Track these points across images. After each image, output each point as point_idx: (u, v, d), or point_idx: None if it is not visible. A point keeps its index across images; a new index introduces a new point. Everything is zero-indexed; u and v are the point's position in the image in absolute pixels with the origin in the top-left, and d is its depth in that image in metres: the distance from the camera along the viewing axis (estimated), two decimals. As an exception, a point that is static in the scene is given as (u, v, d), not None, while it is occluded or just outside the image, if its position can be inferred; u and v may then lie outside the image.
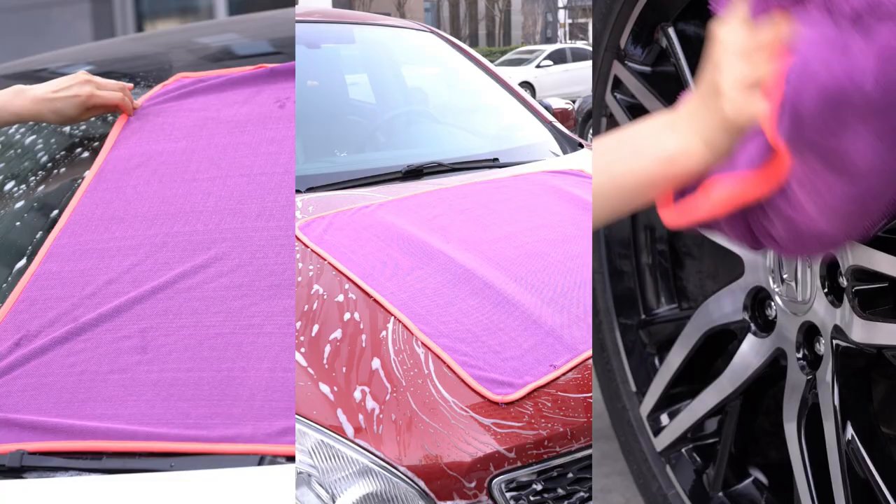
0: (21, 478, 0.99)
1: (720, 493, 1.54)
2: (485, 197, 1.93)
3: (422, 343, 1.38)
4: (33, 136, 1.60)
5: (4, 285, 1.28)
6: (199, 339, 1.11)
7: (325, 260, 1.59)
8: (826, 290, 1.18)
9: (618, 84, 1.58)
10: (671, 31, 1.45)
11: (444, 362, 1.34)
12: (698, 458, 1.60)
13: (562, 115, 2.76)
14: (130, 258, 1.24)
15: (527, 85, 15.33)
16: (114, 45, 2.29)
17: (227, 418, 1.02)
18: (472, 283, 1.53)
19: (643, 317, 1.73)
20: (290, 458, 0.98)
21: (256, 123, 1.45)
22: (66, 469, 1.00)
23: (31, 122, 1.60)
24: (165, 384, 1.06)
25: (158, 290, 1.19)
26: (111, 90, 1.49)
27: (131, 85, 1.55)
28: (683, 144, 0.86)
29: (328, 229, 1.72)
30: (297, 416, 1.18)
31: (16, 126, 1.62)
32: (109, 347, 1.12)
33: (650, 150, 0.88)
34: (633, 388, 1.69)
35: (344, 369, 1.32)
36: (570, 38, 35.09)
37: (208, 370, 1.07)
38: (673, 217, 0.89)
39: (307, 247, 1.63)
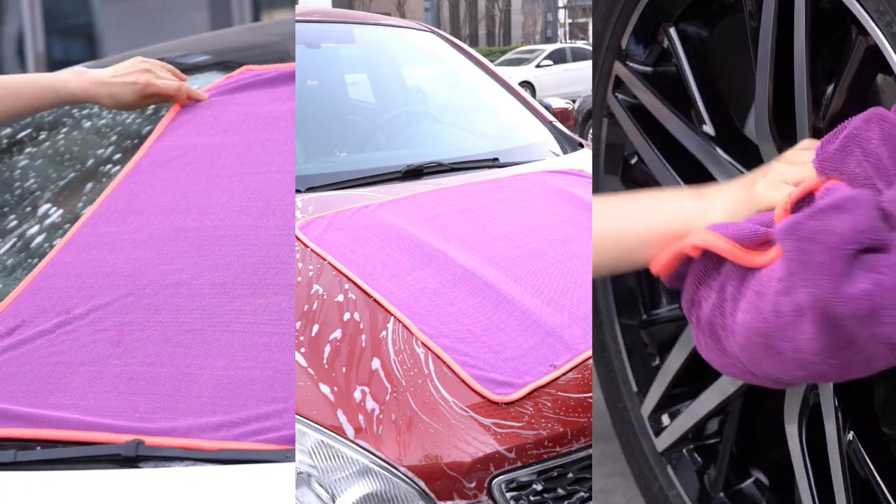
0: None
1: (721, 494, 1.54)
2: (485, 197, 1.93)
3: (422, 343, 1.37)
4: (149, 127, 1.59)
5: None
6: (170, 334, 1.12)
7: (325, 260, 1.59)
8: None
9: (619, 84, 1.58)
10: (672, 31, 1.45)
11: (444, 362, 1.33)
12: (699, 459, 1.60)
13: (562, 115, 2.76)
14: (136, 252, 1.25)
15: (527, 85, 15.32)
16: (230, 34, 2.29)
17: (171, 412, 1.03)
18: (473, 283, 1.52)
19: (644, 317, 1.72)
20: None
21: (290, 119, 1.45)
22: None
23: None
24: (126, 378, 1.07)
25: (148, 286, 1.19)
26: (168, 80, 1.49)
27: (185, 76, 1.55)
28: (705, 209, 0.90)
29: (328, 229, 1.71)
30: (297, 416, 1.18)
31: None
32: (88, 339, 1.13)
33: (670, 207, 0.92)
34: (635, 389, 1.69)
35: (344, 369, 1.32)
36: (570, 38, 35.09)
37: (168, 365, 1.08)
38: (658, 259, 0.93)
39: (307, 247, 1.63)
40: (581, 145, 2.48)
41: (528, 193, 1.96)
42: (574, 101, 5.05)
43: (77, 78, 1.46)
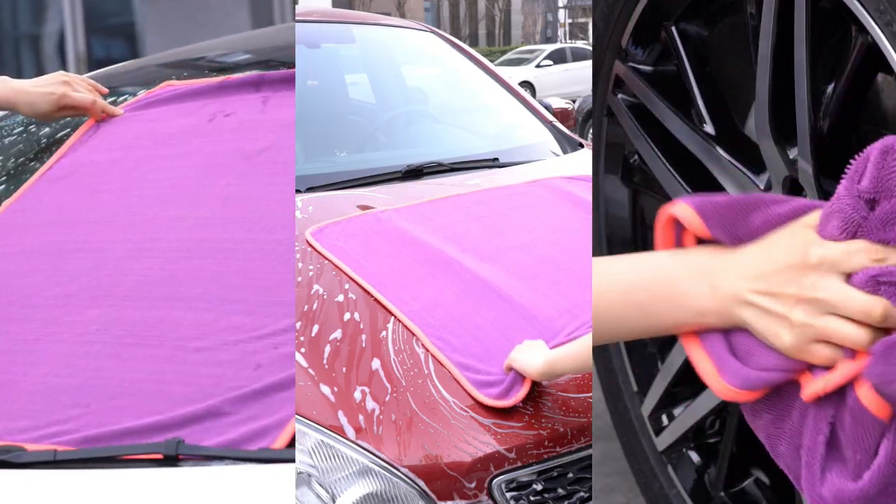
0: None
1: (722, 493, 1.54)
2: (500, 203, 1.90)
3: (422, 344, 1.37)
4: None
5: None
6: (9, 345, 1.18)
7: (338, 268, 1.56)
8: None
9: (619, 83, 1.58)
10: (673, 30, 1.45)
11: (460, 384, 1.31)
12: (700, 458, 1.60)
13: (562, 114, 2.75)
14: (3, 265, 1.32)
15: (527, 85, 15.32)
16: (272, 33, 2.30)
17: None
18: (488, 295, 1.49)
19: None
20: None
21: (180, 137, 1.49)
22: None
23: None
24: None
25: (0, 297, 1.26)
26: (84, 94, 1.53)
27: (105, 90, 1.60)
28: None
29: (341, 236, 1.68)
30: (297, 417, 1.18)
31: None
32: None
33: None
34: (635, 388, 1.69)
35: (344, 369, 1.32)
36: (570, 38, 35.09)
37: (2, 374, 1.14)
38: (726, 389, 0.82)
39: (321, 254, 1.60)
40: (581, 145, 2.48)
41: (545, 200, 1.92)
42: (574, 101, 5.04)
43: (0, 85, 1.50)
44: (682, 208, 0.84)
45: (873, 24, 1.03)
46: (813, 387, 0.75)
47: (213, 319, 1.15)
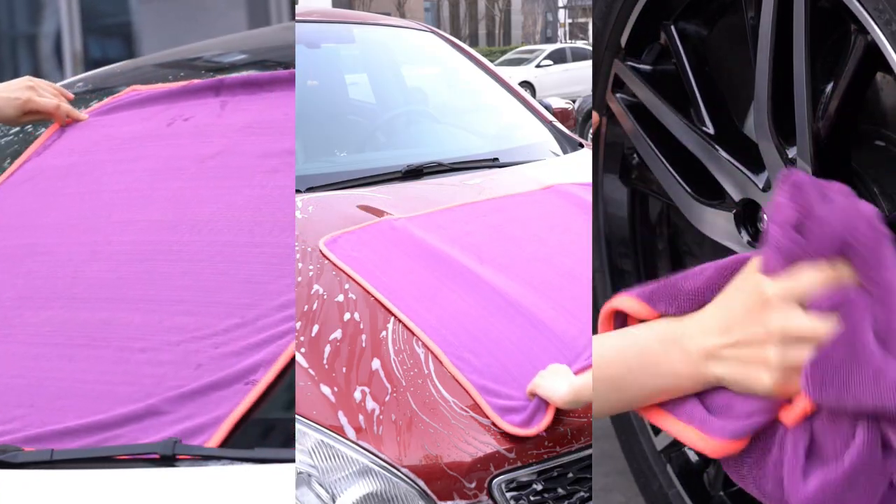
0: None
1: (721, 493, 1.53)
2: (516, 212, 1.86)
3: (452, 376, 1.33)
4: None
5: None
6: None
7: (354, 280, 1.52)
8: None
9: (618, 83, 1.58)
10: (672, 29, 1.45)
11: (481, 409, 1.28)
12: (699, 457, 1.59)
13: (562, 114, 2.75)
14: None
15: (527, 85, 15.31)
16: (269, 33, 2.30)
17: None
18: (509, 311, 1.45)
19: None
20: None
21: (139, 141, 1.51)
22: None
23: None
24: None
25: None
26: (48, 98, 1.55)
27: (71, 95, 1.62)
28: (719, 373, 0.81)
29: (356, 245, 1.64)
30: (297, 416, 1.18)
31: None
32: None
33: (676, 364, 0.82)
34: (634, 388, 1.68)
35: (344, 369, 1.32)
36: (570, 38, 35.08)
37: None
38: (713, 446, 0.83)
39: (335, 265, 1.57)
40: (581, 145, 2.48)
41: (561, 209, 1.87)
42: (574, 101, 5.04)
43: None
44: (623, 300, 0.86)
45: (872, 23, 1.03)
46: (796, 409, 0.77)
47: (159, 320, 1.18)
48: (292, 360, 1.12)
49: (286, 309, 1.17)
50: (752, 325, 0.77)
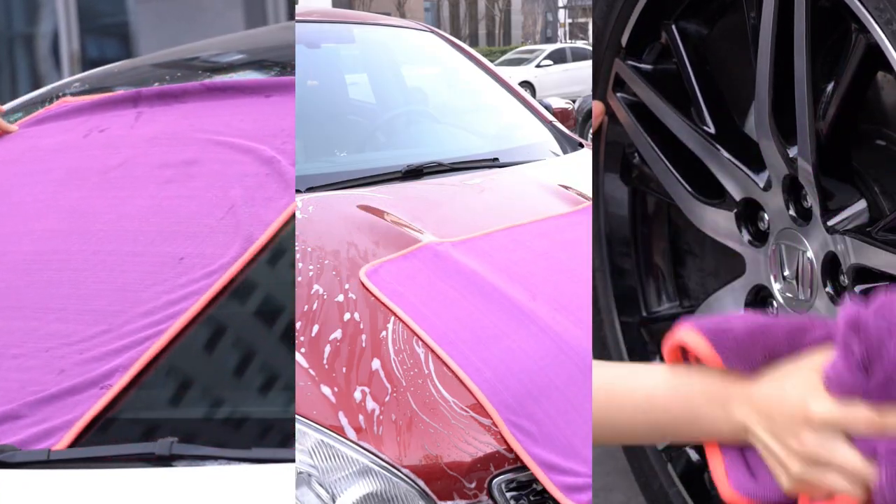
0: None
1: (722, 493, 1.53)
2: (562, 236, 1.74)
3: (485, 412, 1.26)
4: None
5: None
6: None
7: (399, 318, 1.43)
8: (827, 287, 1.18)
9: (619, 82, 1.58)
10: (673, 28, 1.45)
11: (544, 485, 1.20)
12: (699, 456, 1.59)
13: (562, 114, 2.75)
14: None
15: (527, 85, 15.31)
16: (266, 33, 2.31)
17: None
18: (567, 364, 1.32)
19: (644, 315, 1.72)
20: None
21: (55, 152, 1.55)
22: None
23: None
24: None
25: None
26: None
27: (3, 108, 1.67)
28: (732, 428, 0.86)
29: (398, 277, 1.54)
30: (297, 417, 1.18)
31: None
32: None
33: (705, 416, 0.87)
34: (635, 388, 1.68)
35: (344, 370, 1.32)
36: (570, 38, 35.07)
37: None
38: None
39: (378, 299, 1.47)
40: (581, 145, 2.48)
41: None
42: (574, 101, 5.04)
43: None
44: (690, 336, 0.89)
45: (873, 22, 1.03)
46: None
47: (37, 327, 1.23)
48: (150, 363, 1.15)
49: (151, 315, 1.20)
50: (791, 432, 0.80)
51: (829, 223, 1.16)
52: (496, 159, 2.24)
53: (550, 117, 2.62)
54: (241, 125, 1.51)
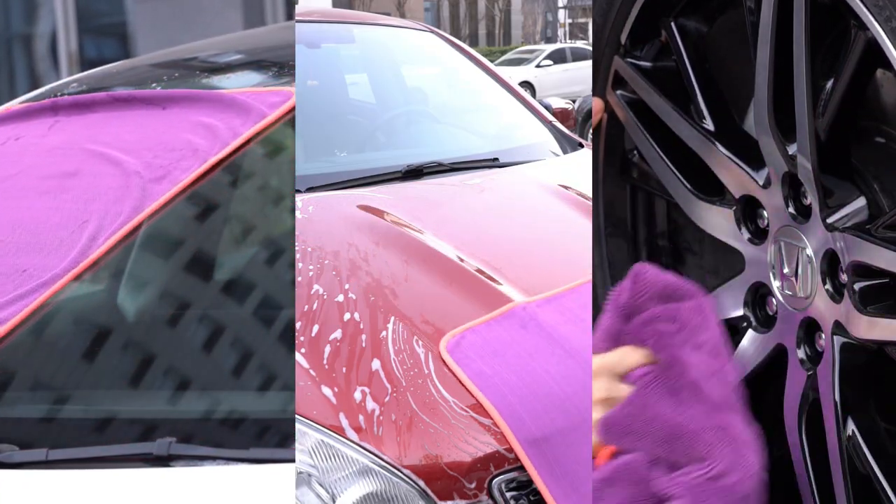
0: None
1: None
2: None
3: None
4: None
5: None
6: None
7: (485, 411, 1.27)
8: (827, 285, 1.18)
9: (618, 80, 1.58)
10: (672, 26, 1.45)
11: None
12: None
13: (562, 114, 2.75)
14: None
15: (527, 85, 15.32)
16: (265, 33, 2.31)
17: None
18: None
19: (644, 314, 1.72)
20: None
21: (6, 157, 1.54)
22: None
23: None
24: None
25: None
26: None
27: None
28: None
29: (482, 352, 1.37)
30: (297, 416, 1.18)
31: None
32: None
33: None
34: (635, 387, 1.68)
35: (344, 370, 1.32)
36: (570, 38, 35.07)
37: None
38: None
39: (460, 381, 1.31)
40: (581, 145, 2.48)
41: None
42: (574, 101, 5.04)
43: None
44: None
45: (872, 19, 1.02)
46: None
47: None
48: None
49: None
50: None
51: (829, 220, 1.16)
52: (496, 159, 2.24)
53: (550, 117, 2.62)
54: (126, 136, 1.52)
